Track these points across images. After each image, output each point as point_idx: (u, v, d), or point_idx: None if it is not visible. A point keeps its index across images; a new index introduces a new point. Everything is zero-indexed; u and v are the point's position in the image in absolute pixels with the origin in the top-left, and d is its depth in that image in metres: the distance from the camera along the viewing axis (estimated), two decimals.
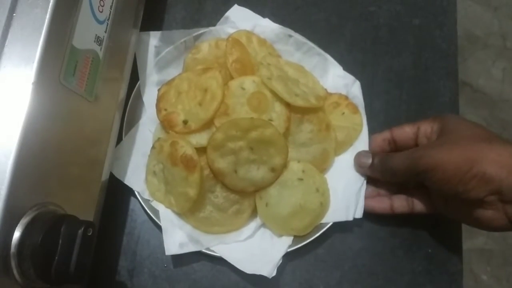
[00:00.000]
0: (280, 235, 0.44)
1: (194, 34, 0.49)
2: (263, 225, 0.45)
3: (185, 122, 0.44)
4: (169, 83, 0.47)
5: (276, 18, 0.51)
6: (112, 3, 0.39)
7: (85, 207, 0.38)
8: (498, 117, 1.31)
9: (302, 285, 0.44)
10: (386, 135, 0.46)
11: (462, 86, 1.31)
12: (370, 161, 0.44)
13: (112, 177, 0.43)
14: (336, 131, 0.47)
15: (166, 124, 0.44)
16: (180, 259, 0.45)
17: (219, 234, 0.44)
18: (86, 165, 0.38)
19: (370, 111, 0.48)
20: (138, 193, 0.44)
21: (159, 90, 0.47)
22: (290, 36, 0.50)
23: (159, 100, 0.46)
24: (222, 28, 0.50)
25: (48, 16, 0.31)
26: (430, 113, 0.50)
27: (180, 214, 0.44)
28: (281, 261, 0.42)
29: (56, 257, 0.30)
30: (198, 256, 0.44)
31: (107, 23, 0.38)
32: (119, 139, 0.45)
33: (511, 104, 1.32)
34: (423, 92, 0.52)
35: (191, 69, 0.48)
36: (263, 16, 0.52)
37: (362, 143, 0.47)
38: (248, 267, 0.42)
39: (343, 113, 0.48)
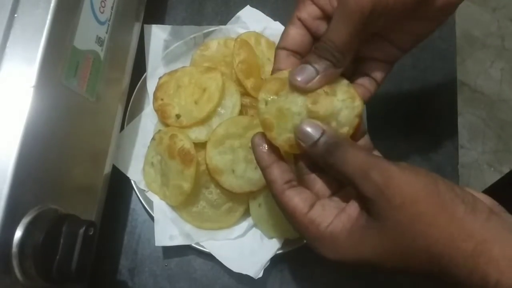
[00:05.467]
0: (271, 237, 0.44)
1: (204, 31, 0.49)
2: (255, 225, 0.45)
3: (178, 116, 0.44)
4: (171, 73, 0.47)
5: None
6: (113, 4, 0.39)
7: (86, 207, 0.38)
8: (496, 117, 1.31)
9: (302, 284, 0.45)
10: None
11: (460, 86, 1.31)
12: (316, 136, 0.29)
13: (113, 176, 0.43)
14: None
15: (159, 114, 0.45)
16: (180, 258, 0.45)
17: (210, 230, 0.44)
18: (88, 165, 0.38)
19: (369, 111, 0.48)
20: (134, 182, 0.45)
21: (160, 78, 0.47)
22: None
23: (157, 88, 0.46)
24: (233, 27, 0.50)
25: (49, 17, 0.31)
26: (429, 113, 0.51)
27: (174, 207, 0.44)
28: (268, 263, 0.43)
29: (58, 257, 0.30)
30: (199, 255, 0.45)
31: (108, 24, 0.38)
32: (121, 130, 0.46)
33: (509, 104, 1.32)
34: (422, 93, 0.52)
35: (198, 65, 0.48)
36: (274, 19, 0.52)
37: None
38: (235, 266, 0.42)
39: None
